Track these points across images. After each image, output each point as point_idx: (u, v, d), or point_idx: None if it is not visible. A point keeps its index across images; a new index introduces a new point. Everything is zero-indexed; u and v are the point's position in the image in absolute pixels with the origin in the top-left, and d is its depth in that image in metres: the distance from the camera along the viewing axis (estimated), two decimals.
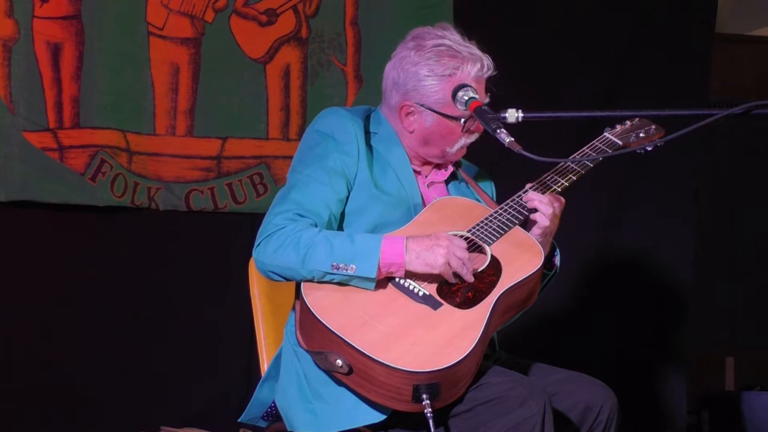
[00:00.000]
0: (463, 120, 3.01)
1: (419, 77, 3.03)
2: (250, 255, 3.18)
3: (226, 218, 4.61)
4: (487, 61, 3.05)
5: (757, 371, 6.08)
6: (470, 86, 2.99)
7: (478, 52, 3.05)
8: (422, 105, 3.04)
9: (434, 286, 2.85)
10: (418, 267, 2.83)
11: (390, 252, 2.81)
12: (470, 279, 2.85)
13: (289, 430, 2.95)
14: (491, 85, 3.09)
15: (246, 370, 4.44)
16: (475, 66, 3.02)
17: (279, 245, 2.85)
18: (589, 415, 2.93)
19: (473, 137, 3.10)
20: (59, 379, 4.37)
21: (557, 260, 3.16)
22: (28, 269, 4.36)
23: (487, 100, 3.05)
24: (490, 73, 3.06)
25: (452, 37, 3.05)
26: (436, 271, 2.83)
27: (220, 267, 4.50)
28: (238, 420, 3.15)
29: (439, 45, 3.03)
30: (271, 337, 3.28)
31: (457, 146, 3.10)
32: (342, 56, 4.77)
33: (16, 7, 4.31)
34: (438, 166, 3.19)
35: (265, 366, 3.21)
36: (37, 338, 4.35)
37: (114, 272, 4.47)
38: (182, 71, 4.56)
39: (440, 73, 3.01)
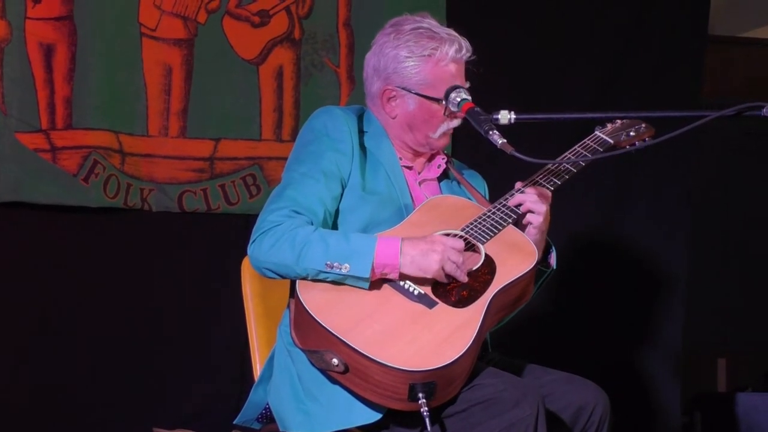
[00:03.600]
0: (444, 101, 3.02)
1: (399, 59, 3.05)
2: (243, 256, 3.19)
3: (219, 219, 4.61)
4: (465, 43, 3.09)
5: (749, 372, 6.10)
6: (462, 88, 3.01)
7: (456, 34, 3.09)
8: (403, 88, 3.07)
9: (429, 285, 2.85)
10: (411, 271, 2.83)
11: (384, 253, 2.82)
12: (464, 280, 2.85)
13: (282, 431, 2.96)
14: (472, 67, 3.11)
15: (239, 372, 4.43)
16: (453, 46, 3.05)
17: (274, 242, 2.85)
18: (581, 415, 2.94)
19: (456, 122, 3.11)
20: (52, 380, 4.36)
21: (553, 258, 3.16)
22: (21, 270, 4.35)
23: (467, 84, 3.07)
24: (468, 55, 3.09)
25: (430, 21, 3.11)
26: (429, 276, 2.83)
27: (213, 268, 4.50)
28: (233, 422, 3.15)
29: (418, 28, 3.07)
30: (264, 339, 3.28)
31: (440, 131, 3.11)
32: (335, 57, 4.77)
33: (8, 8, 4.30)
34: (429, 159, 3.20)
35: (258, 367, 3.22)
36: (29, 339, 4.34)
37: (107, 273, 4.46)
38: (175, 72, 4.55)
39: (420, 53, 3.04)
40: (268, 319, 3.28)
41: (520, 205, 3.04)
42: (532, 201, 3.03)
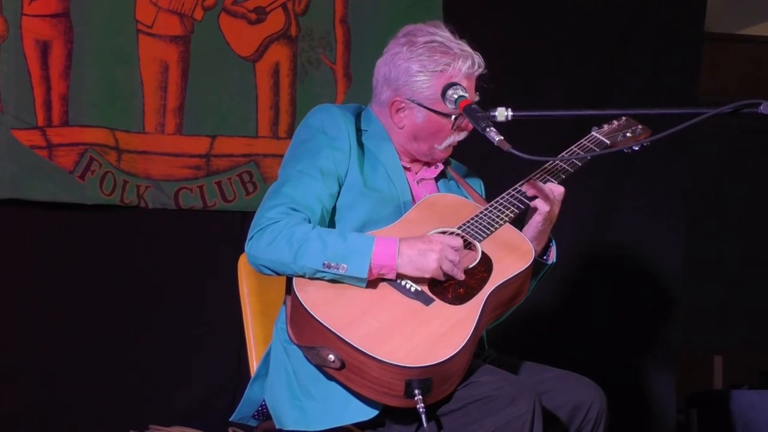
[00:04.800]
0: (453, 117, 3.02)
1: (411, 73, 3.04)
2: (239, 253, 3.19)
3: (215, 216, 4.61)
4: (477, 58, 3.07)
5: (745, 370, 6.10)
6: (460, 85, 3.00)
7: (469, 50, 3.07)
8: (413, 101, 3.06)
9: (426, 281, 2.85)
10: (409, 271, 2.83)
11: (382, 254, 2.82)
12: (461, 278, 2.85)
13: (278, 427, 2.96)
14: (482, 82, 3.11)
15: (235, 369, 4.44)
16: (466, 63, 3.04)
17: (272, 239, 2.85)
18: (578, 413, 2.94)
19: (462, 135, 3.12)
20: (48, 377, 4.36)
21: (553, 252, 3.16)
22: (17, 268, 4.35)
23: (476, 98, 3.06)
24: (480, 70, 3.08)
25: (444, 34, 3.08)
26: (427, 276, 2.83)
27: (210, 265, 4.50)
28: (230, 419, 3.15)
29: (431, 41, 3.05)
30: (260, 336, 3.28)
31: (445, 143, 3.11)
32: (331, 55, 4.76)
33: (5, 5, 4.29)
34: (427, 164, 3.20)
35: (254, 364, 3.21)
36: (25, 336, 4.34)
37: (103, 271, 4.46)
38: (171, 69, 4.55)
39: (432, 68, 3.03)
40: (265, 316, 3.28)
41: (531, 198, 3.03)
42: (541, 188, 3.02)
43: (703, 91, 5.31)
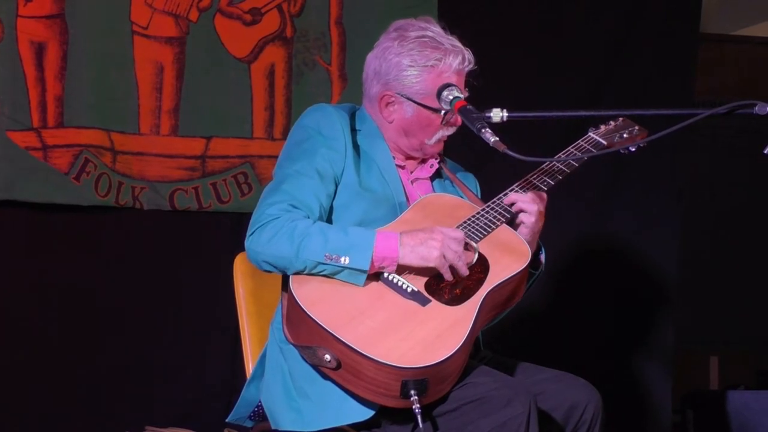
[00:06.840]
0: (443, 112, 3.02)
1: (401, 67, 3.05)
2: (235, 254, 3.19)
3: (210, 218, 4.60)
4: (468, 54, 3.09)
5: (741, 370, 6.10)
6: (455, 86, 3.01)
7: (460, 45, 3.09)
8: (403, 95, 3.07)
9: (422, 282, 2.86)
10: (412, 261, 2.84)
11: (384, 246, 2.82)
12: (465, 272, 2.85)
13: (274, 428, 2.95)
14: (470, 78, 3.11)
15: (231, 370, 4.43)
16: (456, 58, 3.05)
17: (273, 234, 2.85)
18: (573, 414, 2.94)
19: (451, 130, 3.13)
20: (44, 379, 4.35)
21: (542, 259, 3.17)
22: (12, 269, 4.34)
23: (466, 94, 3.07)
24: (470, 66, 3.09)
25: (435, 29, 3.10)
26: (431, 264, 2.83)
27: (205, 266, 4.49)
28: (226, 420, 3.15)
29: (423, 36, 3.06)
30: (256, 337, 3.28)
31: (435, 138, 3.12)
32: (327, 56, 4.76)
33: (0, 7, 4.30)
34: (422, 161, 3.20)
35: (250, 365, 3.21)
36: (20, 338, 4.34)
37: (98, 272, 4.45)
38: (166, 70, 4.55)
39: (422, 63, 3.04)
40: (260, 317, 3.28)
41: (513, 204, 3.05)
42: (525, 200, 3.03)
43: (698, 92, 5.31)
